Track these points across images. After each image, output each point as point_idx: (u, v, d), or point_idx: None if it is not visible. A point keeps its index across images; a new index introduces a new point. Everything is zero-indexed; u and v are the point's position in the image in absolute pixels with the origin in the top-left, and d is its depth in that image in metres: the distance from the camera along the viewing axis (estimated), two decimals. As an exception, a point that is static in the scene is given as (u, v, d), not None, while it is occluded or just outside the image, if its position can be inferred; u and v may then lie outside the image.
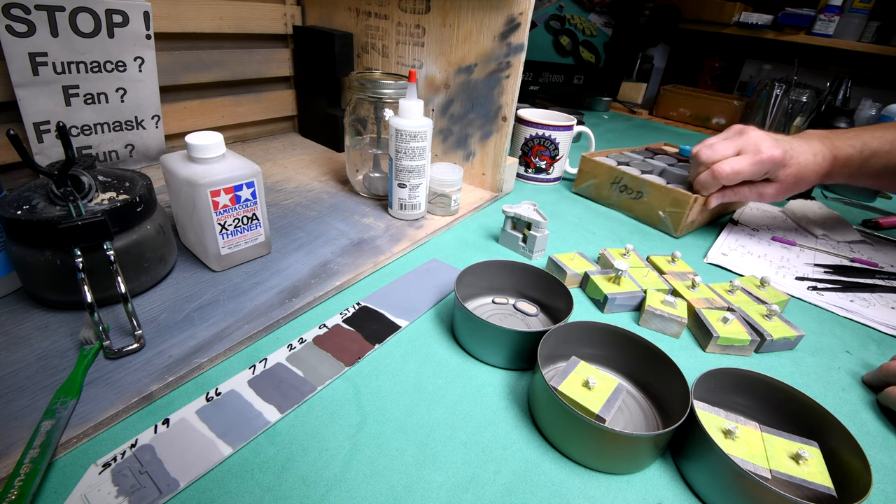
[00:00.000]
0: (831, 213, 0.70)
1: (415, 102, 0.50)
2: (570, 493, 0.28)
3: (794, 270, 0.56)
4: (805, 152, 0.54)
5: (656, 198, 0.62)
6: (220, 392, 0.32)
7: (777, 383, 0.33)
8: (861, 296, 0.52)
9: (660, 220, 0.62)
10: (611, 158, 0.72)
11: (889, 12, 1.34)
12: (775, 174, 0.54)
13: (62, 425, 0.28)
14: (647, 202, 0.63)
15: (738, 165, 0.54)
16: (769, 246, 0.62)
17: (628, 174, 0.65)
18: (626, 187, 0.65)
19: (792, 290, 0.52)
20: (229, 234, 0.43)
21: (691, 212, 0.59)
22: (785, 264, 0.58)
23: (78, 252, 0.34)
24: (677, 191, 0.59)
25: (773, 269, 0.56)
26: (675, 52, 1.67)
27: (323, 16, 0.77)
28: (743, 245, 0.61)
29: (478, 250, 0.54)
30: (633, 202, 0.65)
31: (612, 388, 0.32)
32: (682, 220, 0.60)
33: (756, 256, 0.59)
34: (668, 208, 0.61)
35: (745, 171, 0.54)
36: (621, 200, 0.67)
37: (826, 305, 0.50)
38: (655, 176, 0.66)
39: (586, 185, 0.71)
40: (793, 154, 0.54)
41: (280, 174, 0.68)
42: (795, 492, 0.27)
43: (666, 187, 0.61)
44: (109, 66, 0.56)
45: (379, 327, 0.40)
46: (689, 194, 0.58)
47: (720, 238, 0.62)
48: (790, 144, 0.54)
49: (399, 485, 0.28)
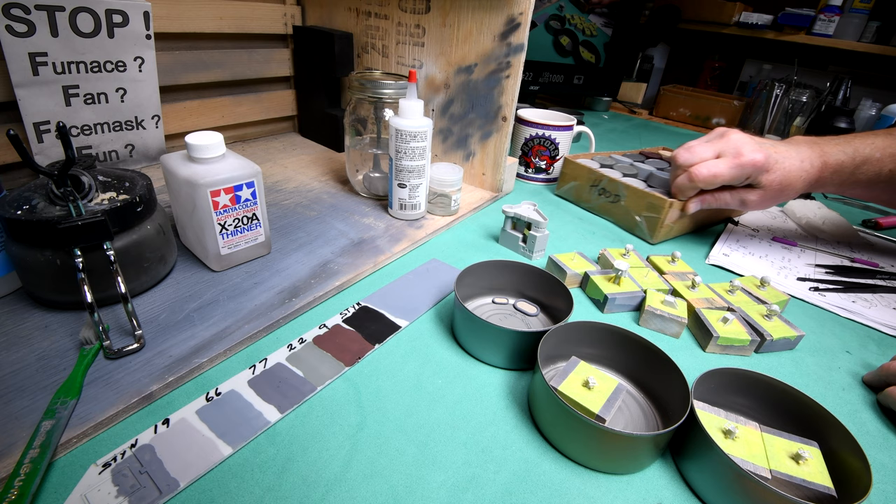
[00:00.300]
0: (831, 213, 0.70)
1: (415, 102, 0.50)
2: (570, 493, 0.28)
3: (795, 271, 0.56)
4: (791, 157, 0.51)
5: (633, 202, 0.60)
6: (220, 392, 0.32)
7: (777, 383, 0.33)
8: (863, 296, 0.52)
9: (636, 225, 0.60)
10: (595, 161, 0.69)
11: (889, 12, 1.34)
12: (758, 180, 0.51)
13: (62, 425, 0.28)
14: (625, 206, 0.61)
15: (716, 168, 0.51)
16: (770, 246, 0.62)
17: (607, 177, 0.62)
18: (605, 190, 0.63)
19: (794, 291, 0.52)
20: (229, 234, 0.43)
21: (667, 217, 0.56)
22: (786, 265, 0.58)
23: (78, 252, 0.34)
24: (653, 195, 0.57)
25: (774, 269, 0.56)
26: (675, 52, 1.67)
27: (323, 16, 0.77)
28: (744, 246, 0.61)
29: (478, 250, 0.54)
30: (611, 206, 0.63)
31: (612, 388, 0.32)
32: (658, 226, 0.57)
33: (757, 257, 0.58)
34: (644, 213, 0.58)
35: (724, 175, 0.51)
36: (600, 204, 0.65)
37: (828, 306, 0.50)
38: (635, 179, 0.63)
39: (567, 188, 0.69)
40: (777, 159, 0.51)
41: (280, 174, 0.68)
42: (795, 492, 0.27)
43: (643, 191, 0.58)
44: (109, 66, 0.56)
45: (379, 327, 0.40)
46: (664, 198, 0.56)
47: (721, 239, 0.62)
48: (775, 149, 0.52)
49: (399, 485, 0.28)
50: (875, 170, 0.51)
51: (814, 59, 1.47)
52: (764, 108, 1.17)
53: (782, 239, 0.64)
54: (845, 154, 0.52)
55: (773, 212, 0.74)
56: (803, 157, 0.52)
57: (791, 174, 0.51)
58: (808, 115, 1.09)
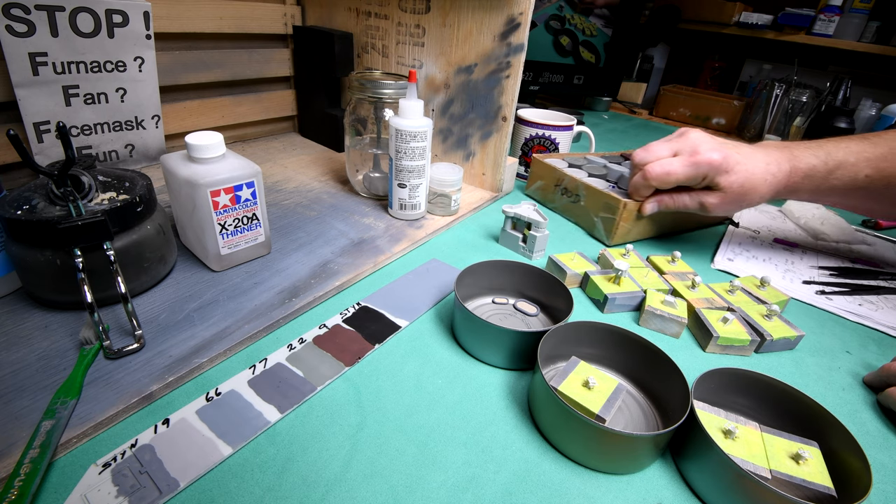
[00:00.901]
0: (829, 213, 0.70)
1: (415, 102, 0.50)
2: (570, 493, 0.28)
3: (799, 273, 0.56)
4: (756, 160, 0.49)
5: (591, 202, 0.59)
6: (220, 392, 0.32)
7: (777, 383, 0.33)
8: (868, 299, 0.52)
9: (594, 226, 0.59)
10: (564, 161, 0.68)
11: (889, 12, 1.34)
12: (716, 181, 0.49)
13: (62, 425, 0.28)
14: (584, 206, 0.60)
15: (669, 166, 0.49)
16: (772, 249, 0.62)
17: (569, 176, 0.61)
18: (567, 190, 0.62)
19: (800, 295, 0.51)
20: (229, 234, 0.43)
21: (622, 218, 0.55)
22: (790, 267, 0.57)
23: (78, 252, 0.34)
24: (609, 195, 0.55)
25: (779, 272, 0.56)
26: (675, 52, 1.67)
27: (323, 16, 0.77)
28: (746, 249, 0.61)
29: (478, 250, 0.54)
30: (572, 206, 0.62)
31: (612, 388, 0.32)
32: (614, 227, 0.55)
33: (761, 260, 0.58)
34: (601, 213, 0.57)
35: (678, 173, 0.49)
36: (563, 204, 0.64)
37: (835, 310, 0.49)
38: (598, 179, 0.61)
39: (534, 187, 0.69)
40: (739, 160, 0.48)
41: (280, 174, 0.68)
42: (795, 492, 0.27)
43: (600, 191, 0.57)
44: (109, 66, 0.56)
45: (379, 327, 0.40)
46: (620, 199, 0.54)
47: (724, 242, 0.62)
48: (737, 150, 0.49)
49: (399, 485, 0.28)
50: (850, 175, 0.49)
51: (814, 59, 1.47)
52: (764, 109, 1.17)
53: (783, 240, 0.64)
54: (817, 158, 0.49)
55: (772, 212, 0.74)
56: (769, 160, 0.49)
57: (754, 177, 0.49)
58: (808, 115, 1.09)
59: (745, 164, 0.49)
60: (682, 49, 1.68)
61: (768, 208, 0.75)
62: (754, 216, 0.71)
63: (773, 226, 0.69)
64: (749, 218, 0.70)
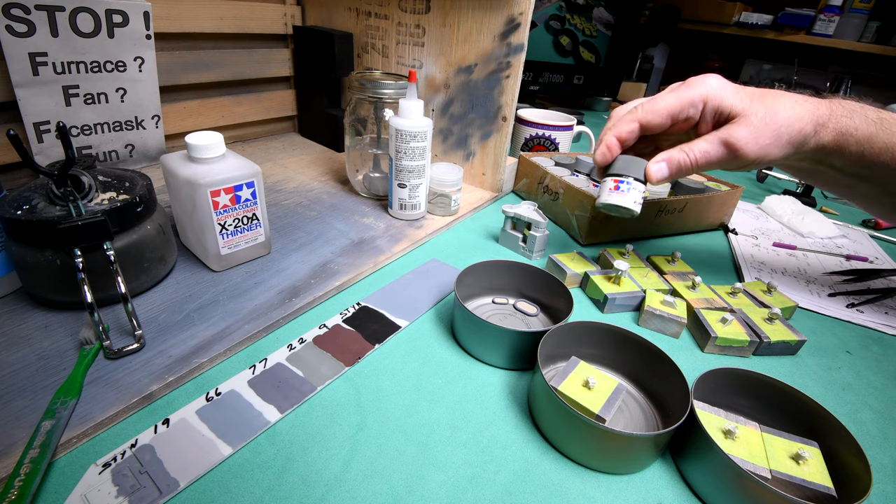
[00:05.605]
0: (806, 208, 0.71)
1: (415, 102, 0.50)
2: (570, 493, 0.28)
3: (817, 283, 0.54)
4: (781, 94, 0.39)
5: (568, 200, 0.58)
6: (220, 392, 0.32)
7: (777, 383, 0.33)
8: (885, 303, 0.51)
9: (570, 224, 0.58)
10: (551, 159, 0.68)
11: (889, 12, 1.34)
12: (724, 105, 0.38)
13: (62, 425, 0.28)
14: (562, 204, 0.59)
15: (623, 109, 0.42)
16: (777, 255, 0.60)
17: (550, 174, 0.61)
18: (548, 188, 0.61)
19: (833, 312, 0.49)
20: (229, 234, 0.43)
21: (596, 215, 0.53)
22: (802, 275, 0.56)
23: (78, 252, 0.34)
24: (584, 192, 0.55)
25: (800, 283, 0.53)
26: (675, 52, 1.67)
27: (323, 16, 0.77)
28: (762, 261, 0.58)
29: (478, 250, 0.54)
30: (552, 204, 0.61)
31: (612, 388, 0.32)
32: (587, 225, 0.54)
33: (780, 273, 0.55)
34: (577, 211, 0.56)
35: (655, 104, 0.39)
36: (545, 202, 0.63)
37: (871, 324, 0.48)
38: (578, 177, 0.61)
39: (521, 185, 0.68)
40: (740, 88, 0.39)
41: (280, 174, 0.68)
42: (795, 492, 0.27)
43: (575, 188, 0.56)
44: (109, 66, 0.56)
45: (379, 327, 0.40)
46: (593, 196, 0.52)
47: (740, 259, 0.58)
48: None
49: (399, 485, 0.28)
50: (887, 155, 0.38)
51: (814, 59, 1.47)
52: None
53: (780, 243, 0.63)
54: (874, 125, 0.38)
55: (755, 211, 0.74)
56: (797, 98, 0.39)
57: (778, 103, 0.38)
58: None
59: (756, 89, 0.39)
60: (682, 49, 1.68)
61: (748, 207, 0.75)
62: (742, 218, 0.70)
63: (763, 227, 0.68)
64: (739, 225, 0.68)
